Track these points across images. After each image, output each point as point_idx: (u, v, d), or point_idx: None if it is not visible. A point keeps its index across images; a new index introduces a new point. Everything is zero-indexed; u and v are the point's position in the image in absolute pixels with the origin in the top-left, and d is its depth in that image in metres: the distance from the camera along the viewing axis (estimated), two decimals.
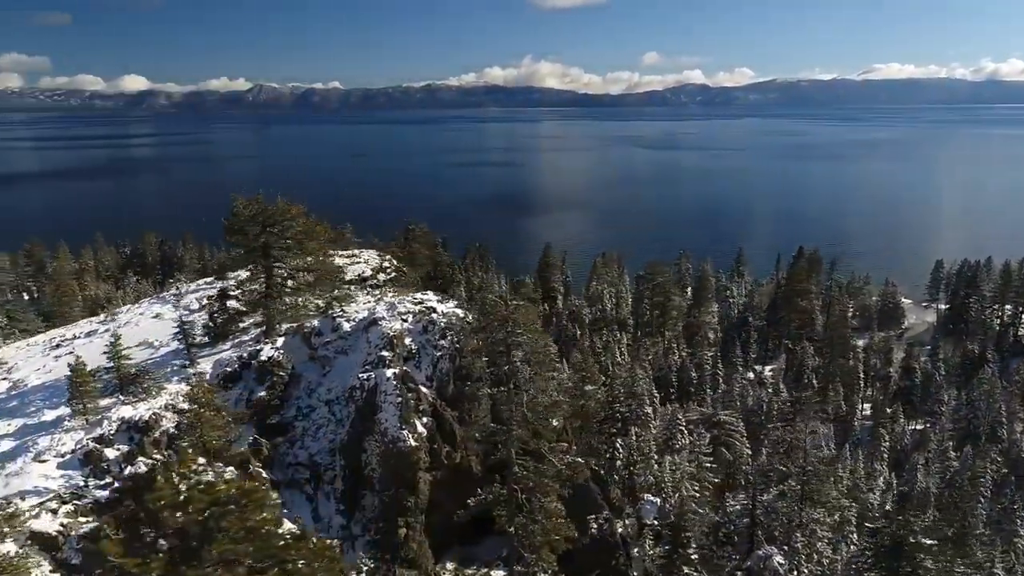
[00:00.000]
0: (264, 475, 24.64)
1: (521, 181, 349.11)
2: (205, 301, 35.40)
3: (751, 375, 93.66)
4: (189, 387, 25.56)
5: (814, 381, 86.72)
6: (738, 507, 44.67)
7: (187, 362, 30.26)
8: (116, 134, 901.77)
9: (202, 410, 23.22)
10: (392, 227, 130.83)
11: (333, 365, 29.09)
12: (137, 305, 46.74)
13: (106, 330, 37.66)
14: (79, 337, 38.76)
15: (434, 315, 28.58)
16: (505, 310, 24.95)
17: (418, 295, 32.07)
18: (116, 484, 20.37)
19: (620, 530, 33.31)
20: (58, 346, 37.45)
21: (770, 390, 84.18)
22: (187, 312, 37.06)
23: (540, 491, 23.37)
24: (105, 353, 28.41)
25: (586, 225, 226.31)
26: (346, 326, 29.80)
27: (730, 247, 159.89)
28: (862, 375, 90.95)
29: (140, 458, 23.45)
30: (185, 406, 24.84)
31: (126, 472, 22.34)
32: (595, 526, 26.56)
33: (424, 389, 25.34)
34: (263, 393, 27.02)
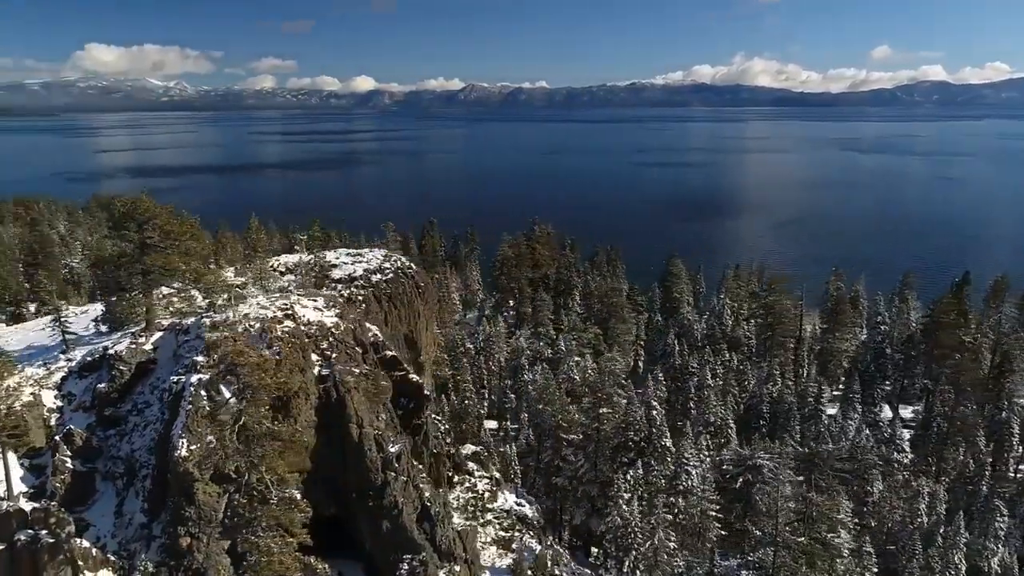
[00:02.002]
0: (68, 464, 26.42)
1: (704, 183, 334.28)
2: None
3: (880, 415, 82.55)
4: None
5: (943, 430, 74.20)
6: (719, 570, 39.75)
7: (64, 349, 33.21)
8: (345, 130, 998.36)
9: None
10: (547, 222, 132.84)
11: (186, 364, 30.14)
12: None
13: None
14: None
15: (286, 324, 28.35)
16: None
17: (305, 299, 31.61)
18: None
19: None
20: None
21: (886, 434, 73.80)
22: None
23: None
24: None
25: (755, 233, 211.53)
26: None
27: (915, 267, 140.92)
28: (1017, 432, 76.14)
29: None
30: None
31: None
32: (404, 568, 24.84)
33: (232, 400, 25.32)
34: (103, 385, 28.71)
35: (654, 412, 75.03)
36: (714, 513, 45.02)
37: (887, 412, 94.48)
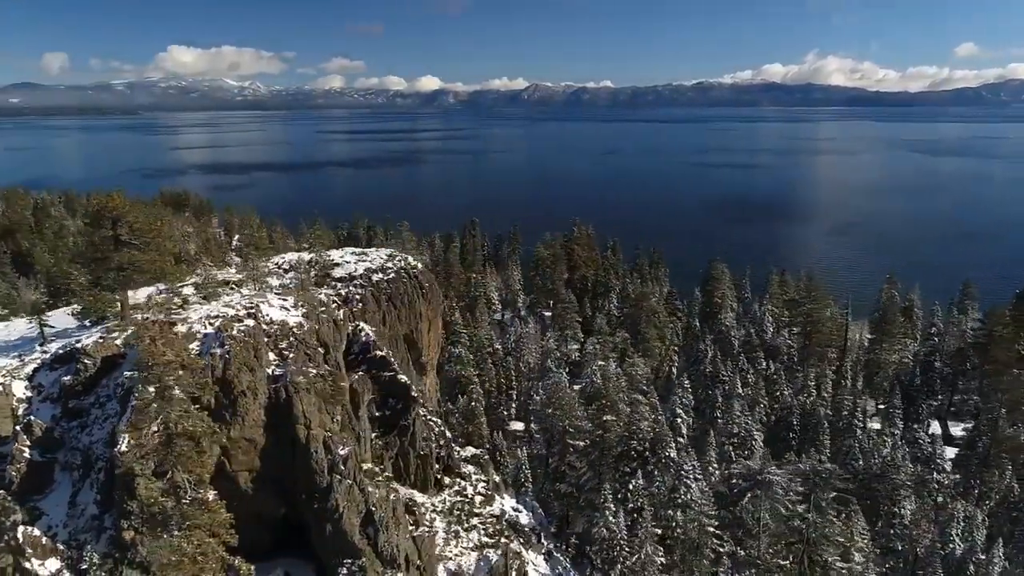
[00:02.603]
0: (25, 454, 27.22)
1: (764, 185, 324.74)
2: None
3: (922, 432, 78.30)
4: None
5: (989, 450, 69.89)
6: None
7: (42, 341, 34.31)
8: (409, 128, 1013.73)
9: None
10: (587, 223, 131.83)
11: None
12: None
13: None
14: None
15: (246, 323, 28.50)
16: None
17: (274, 298, 31.73)
18: None
19: None
20: None
21: (925, 452, 69.98)
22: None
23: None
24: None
25: (810, 238, 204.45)
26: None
27: (981, 277, 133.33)
28: None
29: None
30: None
31: None
32: (343, 572, 24.58)
33: (178, 396, 25.66)
34: (68, 378, 29.50)
35: (679, 420, 73.88)
36: (712, 529, 43.41)
37: (936, 429, 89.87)
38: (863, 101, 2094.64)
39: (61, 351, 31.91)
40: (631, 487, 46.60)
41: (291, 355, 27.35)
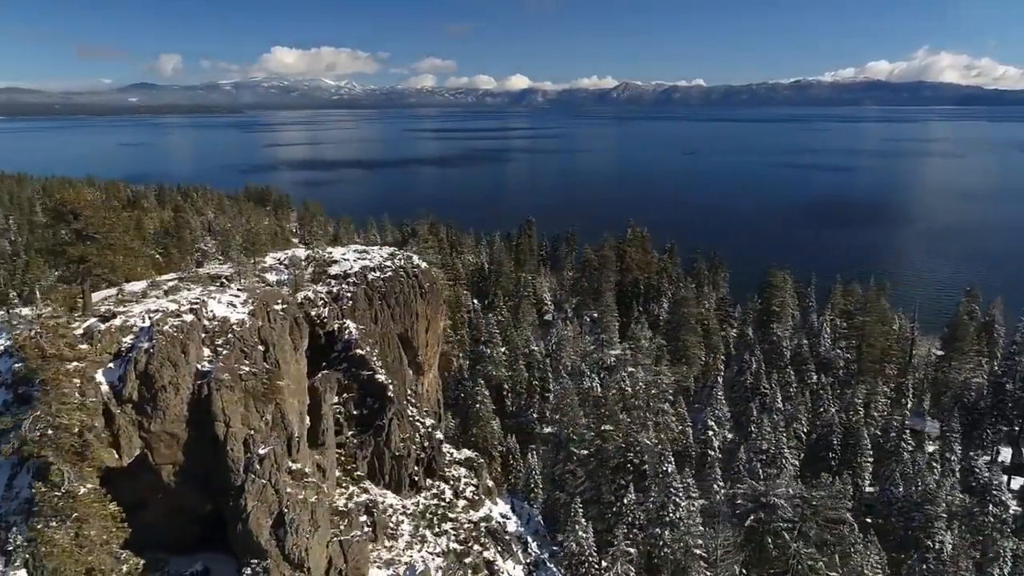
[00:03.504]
0: None
1: (853, 188, 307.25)
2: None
3: (980, 459, 72.18)
4: None
5: None
6: None
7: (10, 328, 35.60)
8: (497, 127, 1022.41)
9: None
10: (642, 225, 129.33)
11: None
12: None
13: None
14: None
15: (184, 318, 28.72)
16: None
17: (225, 295, 31.91)
18: None
19: None
20: None
21: (981, 482, 64.36)
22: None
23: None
24: None
25: (894, 246, 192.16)
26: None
27: None
28: None
29: None
30: None
31: None
32: (247, 572, 24.55)
33: (104, 387, 26.03)
34: (19, 365, 30.59)
35: (711, 433, 70.94)
36: (699, 552, 41.17)
37: (1007, 456, 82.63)
38: (979, 100, 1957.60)
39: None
40: (624, 501, 45.02)
41: (224, 352, 27.72)
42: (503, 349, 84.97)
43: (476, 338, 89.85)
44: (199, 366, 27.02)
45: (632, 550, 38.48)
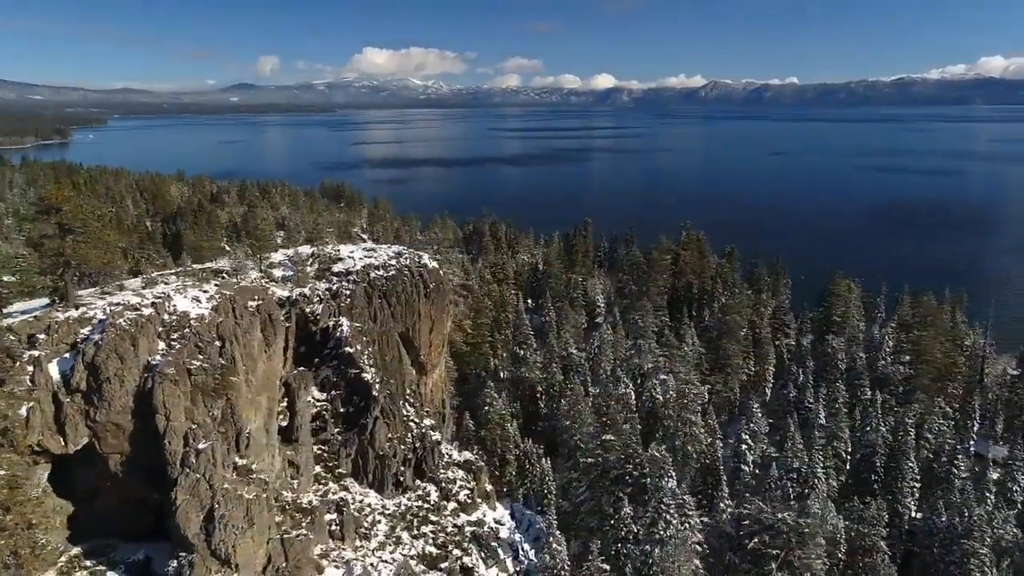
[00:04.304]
0: None
1: (948, 194, 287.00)
2: None
3: None
4: None
5: None
6: None
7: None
8: (580, 127, 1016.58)
9: None
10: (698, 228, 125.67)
11: None
12: None
13: None
14: None
15: (143, 312, 29.42)
16: None
17: (192, 291, 32.42)
18: None
19: None
20: None
21: None
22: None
23: None
24: None
25: (983, 256, 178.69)
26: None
27: None
28: None
29: None
30: None
31: None
32: (173, 565, 24.89)
33: (55, 376, 26.95)
34: None
35: (744, 447, 67.86)
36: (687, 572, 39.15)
37: None
38: None
39: None
40: (620, 515, 43.53)
41: (177, 346, 28.34)
42: (537, 350, 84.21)
43: (518, 339, 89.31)
44: (149, 359, 27.68)
45: (606, 567, 37.00)
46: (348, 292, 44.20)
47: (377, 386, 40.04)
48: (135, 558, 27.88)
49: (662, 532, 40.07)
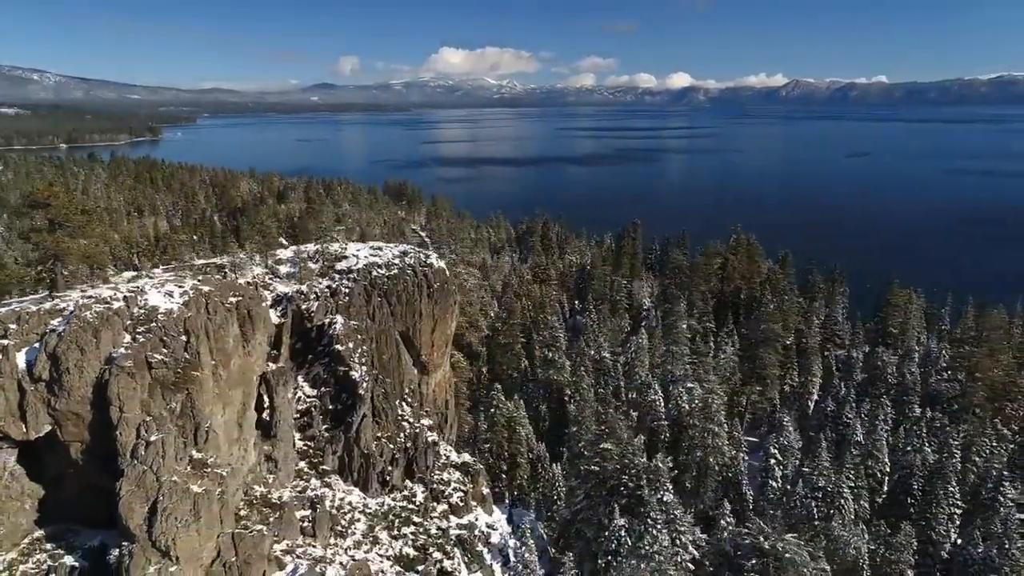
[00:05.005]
0: None
1: None
2: None
3: None
4: None
5: None
6: None
7: None
8: (652, 127, 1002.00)
9: None
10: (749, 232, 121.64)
11: None
12: None
13: None
14: None
15: (113, 305, 30.04)
16: None
17: (168, 286, 33.11)
18: None
19: None
20: None
21: None
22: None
23: None
24: None
25: None
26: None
27: None
28: None
29: None
30: None
31: None
32: (114, 553, 25.47)
33: (21, 365, 27.90)
34: None
35: (772, 462, 65.17)
36: None
37: None
38: None
39: None
40: (611, 527, 42.35)
41: (141, 339, 29.08)
42: (568, 353, 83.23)
43: (546, 341, 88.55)
44: (112, 351, 28.51)
45: None
46: (347, 290, 44.60)
47: (365, 384, 40.22)
48: (91, 544, 28.81)
49: (648, 547, 38.69)
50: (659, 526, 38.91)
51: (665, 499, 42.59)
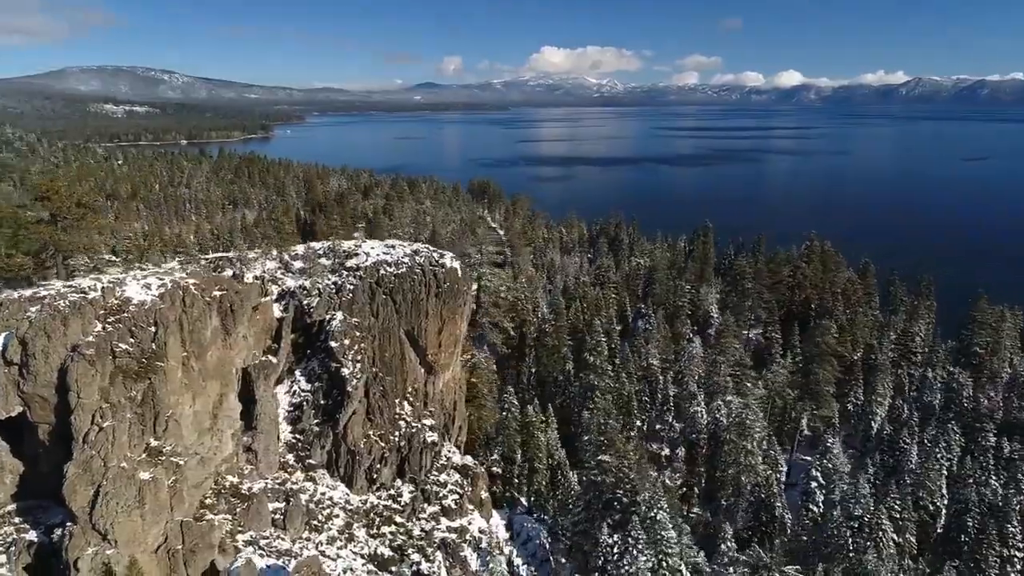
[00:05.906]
0: None
1: None
2: None
3: None
4: None
5: None
6: None
7: None
8: (755, 126, 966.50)
9: None
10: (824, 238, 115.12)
11: None
12: None
13: None
14: None
15: (89, 295, 31.10)
16: None
17: (148, 279, 34.07)
18: None
19: None
20: None
21: None
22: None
23: None
24: None
25: None
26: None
27: None
28: None
29: None
30: None
31: None
32: (56, 534, 26.45)
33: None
34: None
35: (813, 485, 61.24)
36: None
37: None
38: None
39: None
40: (600, 542, 40.93)
41: (108, 329, 30.29)
42: (615, 358, 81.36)
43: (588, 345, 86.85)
44: (81, 339, 29.88)
45: None
46: (350, 287, 45.05)
47: (355, 381, 40.52)
48: (53, 521, 30.39)
49: (628, 567, 36.98)
50: (640, 546, 37.06)
51: (658, 518, 40.57)
